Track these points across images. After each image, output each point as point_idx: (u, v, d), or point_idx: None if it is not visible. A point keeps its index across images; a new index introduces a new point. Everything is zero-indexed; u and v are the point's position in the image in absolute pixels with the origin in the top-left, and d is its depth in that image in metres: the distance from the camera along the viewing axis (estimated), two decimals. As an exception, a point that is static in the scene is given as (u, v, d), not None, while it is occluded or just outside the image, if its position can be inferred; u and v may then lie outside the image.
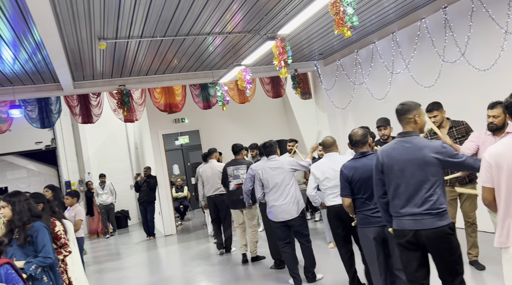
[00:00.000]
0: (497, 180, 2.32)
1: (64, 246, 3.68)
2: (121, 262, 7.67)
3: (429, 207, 2.69)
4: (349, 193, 3.41)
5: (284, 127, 10.82)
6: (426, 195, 2.70)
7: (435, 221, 2.68)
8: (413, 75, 6.74)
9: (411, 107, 2.88)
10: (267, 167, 4.84)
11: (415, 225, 2.72)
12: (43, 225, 3.26)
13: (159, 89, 8.38)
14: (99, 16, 4.78)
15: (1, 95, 7.12)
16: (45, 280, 3.20)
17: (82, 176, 12.04)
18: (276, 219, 4.76)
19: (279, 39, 5.48)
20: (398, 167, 2.79)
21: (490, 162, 2.34)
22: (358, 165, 3.39)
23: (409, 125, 2.86)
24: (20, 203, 3.26)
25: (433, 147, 2.73)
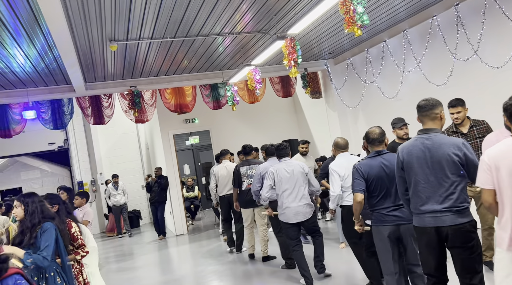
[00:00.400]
0: (497, 182, 2.30)
1: (81, 247, 3.65)
2: (133, 261, 7.74)
3: (450, 205, 2.70)
4: (363, 189, 3.39)
5: (294, 127, 10.79)
6: (446, 193, 2.71)
7: (456, 218, 2.69)
8: (424, 74, 6.67)
9: (437, 103, 2.89)
10: (282, 168, 4.89)
11: (436, 222, 2.73)
12: (53, 226, 3.20)
13: (169, 90, 8.43)
14: (110, 18, 4.82)
15: (15, 97, 7.23)
16: (59, 281, 3.16)
17: (94, 176, 12.18)
18: (290, 220, 4.79)
19: (289, 38, 5.47)
20: (418, 164, 2.80)
21: (490, 164, 2.33)
22: (374, 163, 3.40)
23: (433, 122, 2.86)
24: (33, 203, 3.23)
25: (453, 143, 2.73)
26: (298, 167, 4.87)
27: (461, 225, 2.68)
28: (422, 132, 2.89)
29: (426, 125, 2.89)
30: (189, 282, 5.82)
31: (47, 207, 3.33)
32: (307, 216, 4.80)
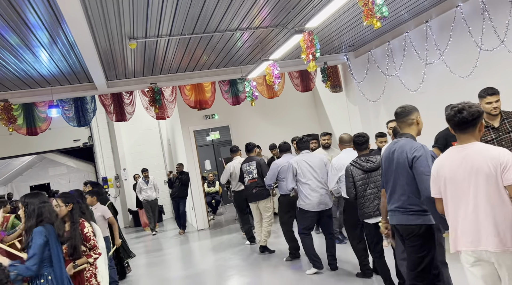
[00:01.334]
0: (443, 191, 2.44)
1: (93, 248, 3.57)
2: (156, 255, 7.88)
3: (399, 205, 2.96)
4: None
5: (314, 121, 10.69)
6: (399, 194, 2.96)
7: (404, 218, 2.94)
8: (448, 65, 6.47)
9: (413, 109, 3.05)
10: (303, 160, 5.19)
11: (391, 220, 3.07)
12: (43, 232, 3.03)
13: (189, 86, 8.49)
14: (128, 16, 4.88)
15: (40, 95, 7.44)
16: None
17: (118, 172, 12.44)
18: (312, 208, 5.08)
19: (307, 32, 5.40)
20: (385, 167, 3.10)
21: (434, 174, 2.50)
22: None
23: (410, 127, 3.04)
24: (32, 205, 3.11)
25: (411, 147, 2.90)
26: (318, 159, 5.19)
27: (406, 225, 2.93)
28: (397, 137, 3.10)
29: (402, 131, 3.08)
30: (210, 276, 5.88)
31: (48, 209, 3.17)
32: (327, 205, 5.12)
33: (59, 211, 3.50)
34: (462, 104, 2.37)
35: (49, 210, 3.17)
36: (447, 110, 2.42)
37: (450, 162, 2.41)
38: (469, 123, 2.34)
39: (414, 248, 2.91)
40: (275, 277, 5.34)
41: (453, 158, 2.40)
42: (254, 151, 6.78)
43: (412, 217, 2.89)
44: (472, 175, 2.30)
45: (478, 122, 2.37)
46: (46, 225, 3.08)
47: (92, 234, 3.61)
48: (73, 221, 3.56)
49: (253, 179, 6.49)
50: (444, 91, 6.71)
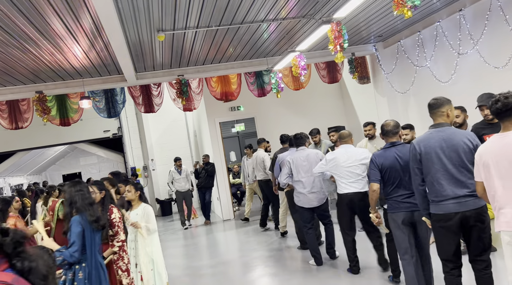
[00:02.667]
0: (484, 175, 2.60)
1: (116, 235, 3.66)
2: (183, 244, 8.05)
3: (471, 190, 2.91)
4: (378, 179, 3.64)
5: (341, 114, 10.56)
6: (465, 179, 2.94)
7: (478, 202, 2.92)
8: (482, 55, 6.23)
9: (445, 102, 3.09)
10: (298, 157, 5.31)
11: (460, 207, 2.93)
12: (79, 220, 3.17)
13: (215, 78, 8.56)
14: (157, 9, 4.95)
15: (73, 87, 7.68)
16: (80, 276, 3.15)
17: (146, 162, 12.73)
18: (305, 205, 5.27)
19: (335, 22, 5.33)
20: (436, 155, 3.01)
21: (477, 160, 2.64)
22: (388, 154, 3.62)
23: (442, 118, 3.09)
24: (67, 194, 3.26)
25: (466, 134, 3.02)
26: (314, 155, 5.26)
27: (480, 208, 2.93)
28: (435, 126, 3.11)
29: (436, 121, 3.12)
30: (235, 266, 5.97)
31: (82, 197, 3.25)
32: (321, 201, 5.25)
33: (94, 197, 3.63)
34: (499, 95, 2.55)
35: (82, 198, 3.24)
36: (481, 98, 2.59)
37: (491, 148, 2.57)
38: (503, 114, 2.53)
39: (487, 229, 2.97)
40: (300, 268, 5.36)
41: (495, 145, 2.57)
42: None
43: (479, 199, 2.94)
44: None
45: None
46: (81, 214, 3.20)
47: (119, 220, 3.72)
48: (103, 207, 3.71)
49: None
50: (478, 82, 6.48)
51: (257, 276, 5.38)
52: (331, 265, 5.19)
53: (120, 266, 3.71)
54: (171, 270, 6.21)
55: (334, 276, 4.84)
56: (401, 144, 3.67)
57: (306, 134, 5.57)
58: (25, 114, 7.71)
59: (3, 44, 5.23)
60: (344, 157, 4.55)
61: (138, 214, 4.30)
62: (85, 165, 19.71)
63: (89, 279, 3.18)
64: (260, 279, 5.26)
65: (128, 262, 3.80)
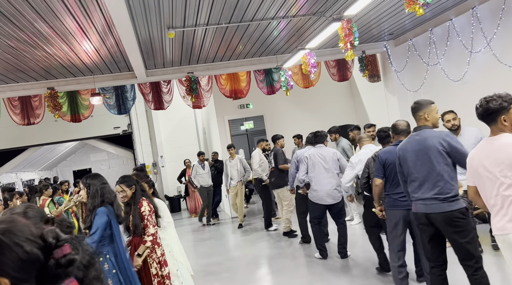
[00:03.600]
0: (476, 180, 2.57)
1: (145, 229, 3.57)
2: (190, 241, 8.09)
3: (436, 192, 2.96)
4: (381, 174, 3.74)
5: (351, 112, 10.50)
6: (434, 182, 2.98)
7: (444, 206, 2.94)
8: (495, 54, 6.14)
9: (422, 106, 3.14)
10: (316, 153, 5.36)
11: (426, 209, 3.02)
12: (106, 211, 3.16)
13: (224, 76, 8.56)
14: (167, 6, 4.97)
15: (84, 84, 7.76)
16: (106, 268, 3.11)
17: (155, 159, 12.81)
18: (319, 201, 5.30)
19: (345, 20, 5.29)
20: (410, 157, 3.13)
21: (468, 164, 2.63)
22: (393, 150, 3.64)
23: (420, 121, 3.16)
24: (94, 186, 3.21)
25: (438, 135, 3.02)
26: (331, 153, 5.33)
27: (448, 212, 2.92)
28: (414, 130, 3.21)
29: (417, 124, 3.19)
30: (241, 263, 5.98)
31: (108, 189, 3.30)
32: (336, 199, 5.26)
33: (125, 195, 3.62)
34: (482, 100, 2.50)
35: (109, 191, 3.28)
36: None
37: (480, 153, 2.55)
38: (486, 118, 2.49)
39: (463, 233, 2.93)
40: (302, 268, 5.35)
41: (483, 150, 2.54)
42: (278, 142, 7.15)
43: (447, 203, 2.95)
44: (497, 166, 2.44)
45: (497, 116, 2.45)
46: (107, 205, 3.19)
47: (149, 213, 3.63)
48: (134, 201, 3.66)
49: (272, 168, 7.08)
50: (490, 81, 6.39)
51: (263, 274, 5.39)
52: (342, 264, 5.17)
53: (154, 259, 3.66)
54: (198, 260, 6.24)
55: (342, 273, 4.83)
56: None
57: (325, 133, 5.67)
58: (37, 110, 7.81)
59: (16, 41, 5.30)
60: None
61: None
62: (95, 161, 19.90)
63: (120, 269, 3.15)
64: (266, 277, 5.26)
65: (162, 254, 3.73)
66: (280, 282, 4.96)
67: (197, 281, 5.43)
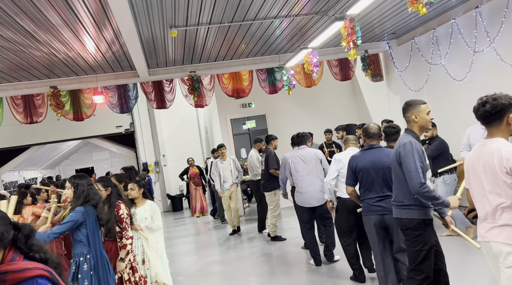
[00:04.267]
0: (468, 183, 2.52)
1: (124, 232, 3.61)
2: (192, 240, 8.10)
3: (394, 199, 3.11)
4: (352, 182, 3.71)
5: (353, 111, 10.48)
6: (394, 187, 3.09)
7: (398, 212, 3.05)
8: (499, 53, 6.11)
9: (409, 107, 3.06)
10: (297, 155, 5.30)
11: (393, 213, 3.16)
12: (82, 210, 3.19)
13: (227, 75, 8.56)
14: (170, 5, 4.96)
15: (86, 82, 7.77)
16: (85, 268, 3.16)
17: (157, 158, 12.82)
18: (304, 204, 5.19)
19: (348, 19, 5.27)
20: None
21: (465, 167, 2.53)
22: (364, 155, 3.67)
23: (409, 123, 3.09)
24: (82, 186, 3.24)
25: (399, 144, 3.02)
26: (313, 154, 5.23)
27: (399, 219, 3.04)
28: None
29: (407, 126, 3.14)
30: (238, 264, 5.98)
31: (94, 191, 3.34)
32: (320, 201, 5.12)
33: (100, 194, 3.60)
34: (486, 97, 2.32)
35: (95, 192, 3.32)
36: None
37: (472, 157, 2.46)
38: (492, 117, 2.30)
39: (409, 242, 2.99)
40: (298, 269, 5.35)
41: (475, 153, 2.44)
42: (271, 143, 6.97)
43: (404, 211, 3.00)
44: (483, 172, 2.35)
45: (503, 116, 2.29)
46: (87, 206, 3.22)
47: (127, 216, 3.68)
48: (110, 204, 3.67)
49: (262, 170, 6.91)
50: (494, 80, 6.36)
51: (258, 275, 5.38)
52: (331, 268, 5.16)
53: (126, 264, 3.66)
54: (178, 265, 6.25)
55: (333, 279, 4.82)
56: (379, 147, 3.71)
57: (307, 133, 5.54)
58: (40, 109, 7.83)
59: (19, 40, 5.31)
60: None
61: (146, 210, 4.27)
62: (97, 160, 19.95)
63: (95, 270, 3.18)
64: (260, 278, 5.26)
65: (133, 260, 3.75)
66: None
67: (199, 280, 5.44)
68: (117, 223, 3.64)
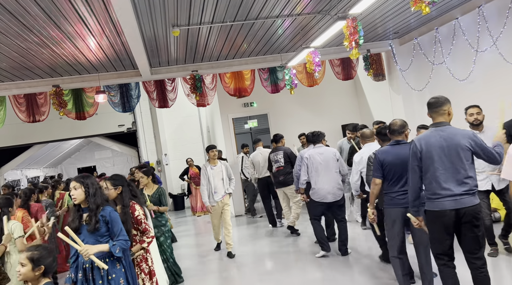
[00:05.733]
0: None
1: (145, 232, 3.41)
2: (195, 238, 8.11)
3: (468, 188, 3.03)
4: (380, 175, 3.80)
5: (355, 111, 10.47)
6: (463, 178, 3.03)
7: (472, 200, 3.03)
8: (502, 53, 6.10)
9: (446, 100, 3.19)
10: (315, 153, 5.50)
11: (456, 205, 3.02)
12: (112, 209, 3.02)
13: (229, 74, 8.57)
14: (172, 4, 4.97)
15: (89, 81, 7.79)
16: (118, 267, 2.96)
17: (159, 157, 12.84)
18: (321, 199, 5.42)
19: (350, 19, 5.27)
20: (436, 153, 3.10)
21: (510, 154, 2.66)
22: (391, 150, 3.76)
23: (442, 117, 3.19)
24: (93, 185, 3.01)
25: (466, 134, 3.10)
26: (331, 153, 5.48)
27: (475, 205, 3.03)
28: (436, 125, 3.20)
29: (437, 120, 3.20)
30: (243, 261, 5.99)
31: (103, 192, 3.14)
32: (337, 197, 5.40)
33: (108, 193, 3.44)
34: None
35: (103, 193, 3.11)
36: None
37: None
38: None
39: (481, 226, 3.08)
40: (307, 267, 5.36)
41: None
42: (281, 141, 7.30)
43: (474, 197, 3.06)
44: None
45: None
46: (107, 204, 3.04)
47: (144, 217, 3.46)
48: (123, 204, 3.44)
49: (280, 167, 7.08)
50: (496, 80, 6.35)
51: (265, 272, 5.39)
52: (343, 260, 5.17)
53: (144, 269, 3.48)
54: (181, 264, 6.26)
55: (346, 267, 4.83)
56: (405, 143, 3.82)
57: (322, 132, 5.77)
58: (42, 108, 7.85)
59: (21, 39, 5.33)
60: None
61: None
62: (99, 159, 19.99)
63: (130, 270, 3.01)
64: (268, 275, 5.27)
65: (152, 264, 3.54)
66: (282, 279, 4.97)
67: (199, 279, 5.45)
68: (133, 225, 3.39)
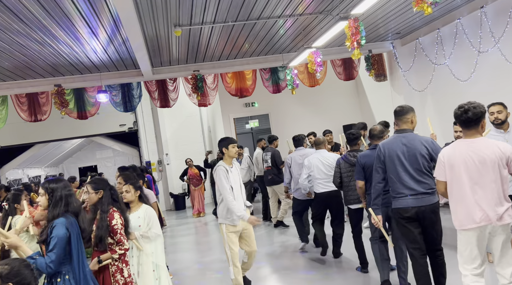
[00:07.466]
0: (449, 176, 2.89)
1: (119, 243, 3.17)
2: (193, 239, 8.11)
3: (428, 188, 3.32)
4: (362, 177, 4.05)
5: (356, 111, 10.47)
6: (422, 178, 3.33)
7: (432, 198, 3.34)
8: (504, 54, 6.09)
9: (410, 109, 3.50)
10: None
11: (417, 203, 3.32)
12: (64, 223, 2.64)
13: (230, 74, 8.57)
14: (174, 4, 4.97)
15: (91, 81, 7.80)
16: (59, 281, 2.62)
17: (160, 157, 12.85)
18: (300, 196, 5.78)
19: (352, 19, 5.26)
20: (397, 157, 3.40)
21: (444, 161, 2.92)
22: (372, 154, 3.91)
23: (406, 124, 3.48)
24: (58, 192, 2.70)
25: (425, 140, 3.41)
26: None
27: (434, 203, 3.34)
28: (399, 132, 3.49)
29: (401, 127, 3.49)
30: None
31: (74, 198, 2.81)
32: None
33: (88, 197, 3.24)
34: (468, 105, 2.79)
35: (75, 199, 2.81)
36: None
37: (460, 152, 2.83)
38: (473, 122, 2.77)
39: (439, 221, 3.42)
40: (304, 267, 5.36)
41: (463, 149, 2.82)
42: (274, 143, 7.68)
43: (433, 196, 3.37)
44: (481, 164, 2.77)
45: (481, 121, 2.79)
46: (69, 216, 2.70)
47: (122, 227, 3.20)
48: (102, 209, 3.21)
49: (268, 167, 7.53)
50: (498, 81, 6.34)
51: (264, 275, 5.39)
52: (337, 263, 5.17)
53: (118, 280, 3.21)
54: (180, 265, 6.26)
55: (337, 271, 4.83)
56: None
57: (302, 136, 6.15)
58: (44, 107, 7.86)
59: (24, 38, 5.33)
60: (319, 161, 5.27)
61: (140, 217, 3.74)
62: (101, 158, 20.01)
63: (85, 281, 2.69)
64: (267, 277, 5.27)
65: (128, 276, 3.29)
66: (283, 279, 4.96)
67: (199, 279, 5.45)
68: (109, 234, 3.16)
